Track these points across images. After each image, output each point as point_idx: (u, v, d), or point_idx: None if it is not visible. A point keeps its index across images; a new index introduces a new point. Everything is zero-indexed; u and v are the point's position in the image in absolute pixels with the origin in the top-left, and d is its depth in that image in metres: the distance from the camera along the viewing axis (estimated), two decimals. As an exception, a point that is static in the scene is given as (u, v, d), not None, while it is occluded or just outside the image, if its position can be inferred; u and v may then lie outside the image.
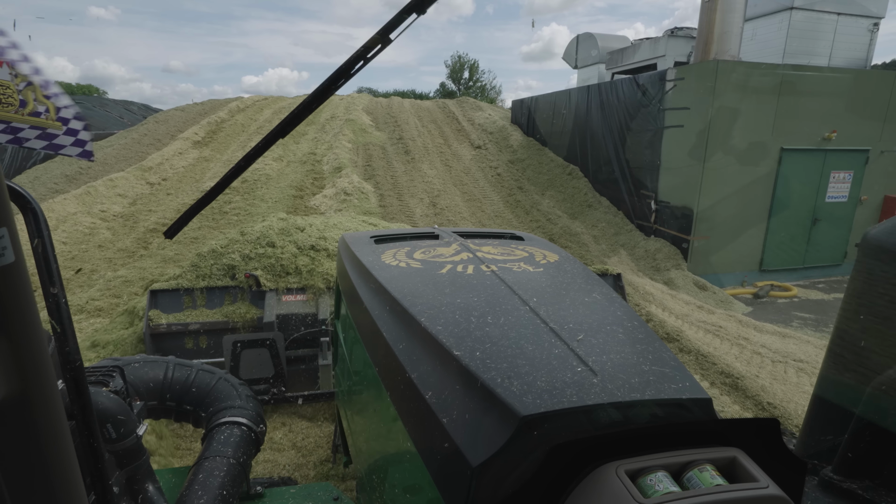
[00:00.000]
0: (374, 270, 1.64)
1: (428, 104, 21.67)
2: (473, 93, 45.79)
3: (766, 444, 0.90)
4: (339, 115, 18.42)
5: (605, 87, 11.78)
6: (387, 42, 1.14)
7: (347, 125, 16.92)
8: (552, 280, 1.55)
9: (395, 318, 1.36)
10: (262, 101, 21.86)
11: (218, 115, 17.95)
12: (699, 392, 0.98)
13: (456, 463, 0.91)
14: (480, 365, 1.03)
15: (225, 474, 1.56)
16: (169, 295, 4.15)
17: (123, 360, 1.85)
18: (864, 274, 1.24)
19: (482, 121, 17.72)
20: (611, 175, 11.62)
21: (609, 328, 1.20)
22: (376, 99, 23.06)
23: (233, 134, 16.72)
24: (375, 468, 1.51)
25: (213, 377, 1.95)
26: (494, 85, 49.69)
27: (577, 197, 12.39)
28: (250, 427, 1.80)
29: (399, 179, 13.37)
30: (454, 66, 47.08)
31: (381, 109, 20.00)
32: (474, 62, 46.94)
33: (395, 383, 1.23)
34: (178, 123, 17.58)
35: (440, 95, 44.85)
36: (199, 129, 16.38)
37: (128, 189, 11.59)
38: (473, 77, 46.94)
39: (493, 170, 14.49)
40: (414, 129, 17.62)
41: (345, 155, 14.05)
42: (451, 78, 46.95)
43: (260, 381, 3.21)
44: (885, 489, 1.15)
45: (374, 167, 14.01)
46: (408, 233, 2.26)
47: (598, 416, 0.92)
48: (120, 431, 1.28)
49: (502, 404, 0.91)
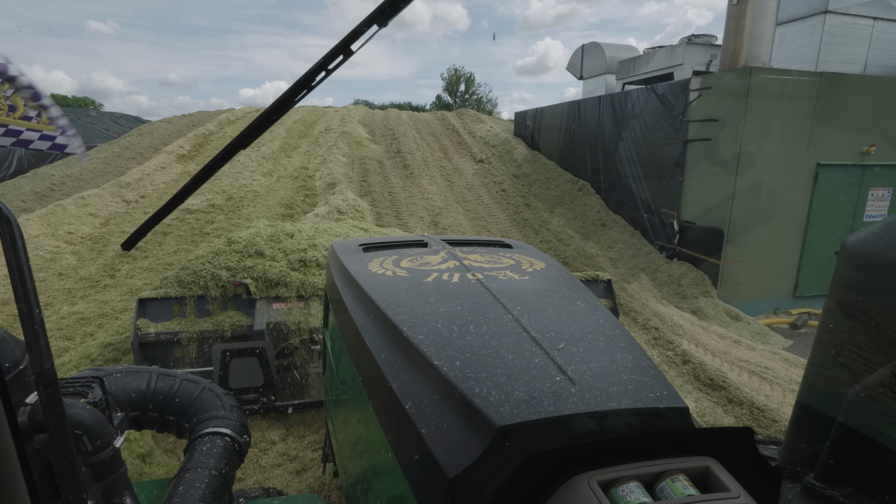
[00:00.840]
0: (359, 279, 1.63)
1: (426, 116, 20.90)
2: (470, 105, 45.99)
3: (740, 454, 0.89)
4: (334, 127, 17.58)
5: (618, 97, 10.99)
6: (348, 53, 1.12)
7: (342, 138, 16.06)
8: (537, 288, 1.54)
9: (378, 326, 1.35)
10: (254, 112, 21.01)
11: (206, 128, 17.06)
12: (676, 401, 0.98)
13: (433, 473, 0.90)
14: (460, 374, 1.03)
15: (206, 486, 1.52)
16: (157, 303, 4.07)
17: (105, 370, 1.81)
18: (843, 282, 1.26)
19: (483, 133, 16.91)
20: (626, 192, 10.78)
21: (591, 336, 1.19)
22: (373, 111, 22.29)
23: (220, 147, 15.79)
24: (360, 478, 1.50)
25: (196, 387, 1.91)
26: (490, 97, 49.80)
27: (590, 215, 11.52)
28: (234, 438, 1.76)
29: (397, 196, 12.47)
30: (450, 79, 47.25)
31: (377, 121, 19.19)
32: (470, 75, 47.03)
33: (377, 393, 1.22)
34: (163, 136, 16.66)
35: (436, 108, 45.70)
36: (184, 141, 15.46)
37: (101, 207, 10.61)
38: (469, 90, 47.21)
39: (497, 185, 13.62)
40: (412, 141, 16.78)
41: (339, 170, 13.15)
42: (448, 90, 47.24)
43: (249, 390, 3.15)
44: (867, 496, 1.13)
45: (370, 182, 13.12)
46: (396, 241, 2.22)
47: (574, 425, 0.91)
48: (96, 444, 1.26)
49: (479, 414, 0.91)
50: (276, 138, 16.66)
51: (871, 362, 1.16)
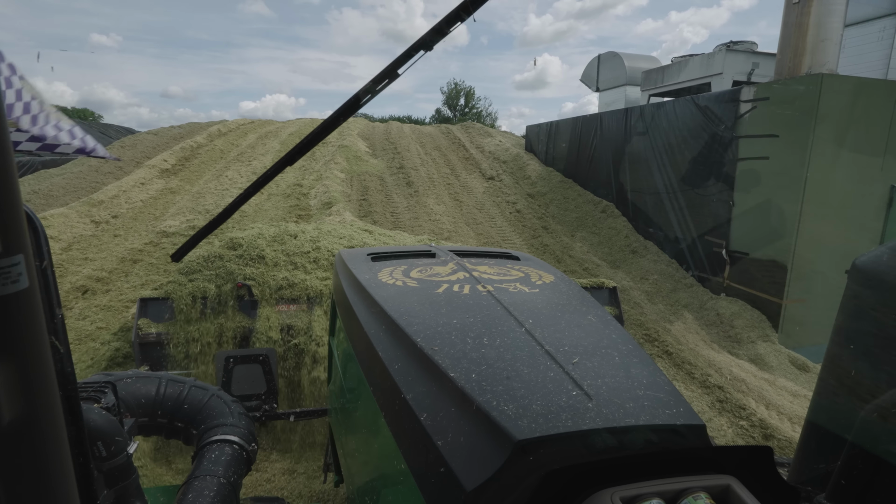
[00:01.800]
0: (370, 288, 1.62)
1: (430, 129, 19.80)
2: (470, 119, 45.80)
3: (759, 472, 0.90)
4: (332, 140, 16.40)
5: (649, 110, 9.86)
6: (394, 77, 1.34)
7: (340, 152, 14.89)
8: (548, 301, 1.53)
9: (391, 337, 1.34)
10: (248, 124, 19.89)
11: (194, 140, 15.88)
12: (693, 418, 0.98)
13: (450, 487, 0.89)
14: (476, 387, 1.02)
15: (214, 494, 1.51)
16: (159, 304, 4.08)
17: (116, 375, 1.80)
18: (854, 301, 1.25)
19: (493, 148, 15.76)
20: (659, 215, 9.58)
21: (604, 351, 1.19)
22: (373, 123, 21.21)
23: (209, 161, 14.60)
24: (368, 489, 1.47)
25: (205, 394, 1.91)
26: (490, 112, 49.42)
27: (617, 240, 10.31)
28: (242, 445, 1.76)
29: (401, 216, 11.24)
30: (450, 93, 47.08)
31: (378, 135, 18.06)
32: (470, 89, 47.49)
33: (389, 404, 1.20)
34: (147, 149, 15.46)
35: (436, 121, 45.70)
36: (169, 155, 14.25)
37: (65, 230, 9.33)
38: (469, 103, 47.75)
39: (510, 205, 12.42)
40: (416, 156, 15.62)
41: (336, 187, 11.94)
42: (448, 104, 48.02)
43: (252, 397, 3.08)
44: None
45: (370, 202, 11.89)
46: (404, 250, 2.22)
47: (593, 441, 0.91)
48: (110, 450, 1.25)
49: (497, 428, 0.91)
50: (269, 151, 15.49)
51: (883, 382, 1.15)
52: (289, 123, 21.02)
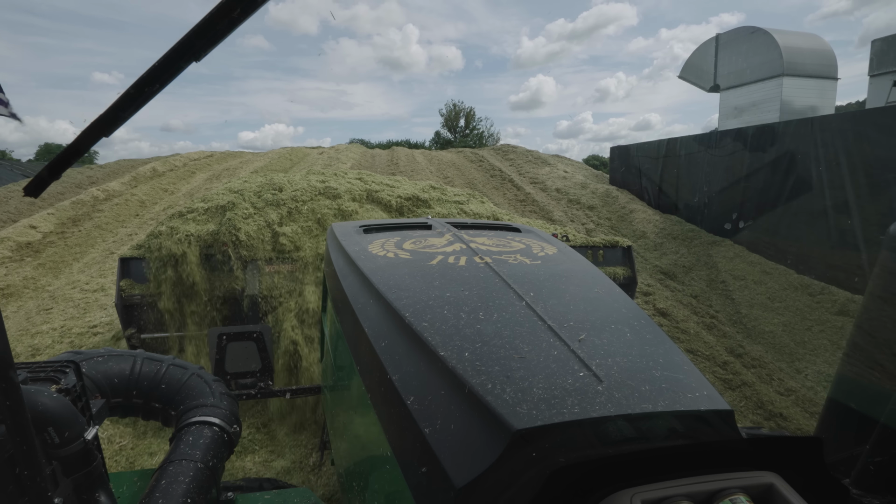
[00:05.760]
0: (358, 261, 1.55)
1: (449, 156, 14.66)
2: (472, 140, 43.79)
3: (805, 468, 0.78)
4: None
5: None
6: None
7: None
8: (551, 273, 1.42)
9: (378, 312, 1.24)
10: (206, 158, 14.65)
11: (105, 187, 10.54)
12: (719, 403, 0.85)
13: (438, 481, 0.79)
14: (469, 367, 0.92)
15: (191, 480, 1.36)
16: (140, 264, 3.99)
17: (85, 353, 1.66)
18: (889, 268, 1.17)
19: (558, 184, 10.48)
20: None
21: (614, 327, 1.08)
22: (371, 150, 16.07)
23: (112, 221, 9.25)
24: (356, 474, 1.40)
25: (185, 372, 1.77)
26: (492, 132, 46.50)
27: None
28: (223, 427, 1.61)
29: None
30: (449, 115, 45.42)
31: (380, 165, 12.81)
32: (470, 109, 46.38)
33: (375, 385, 1.10)
34: (24, 204, 10.07)
35: (436, 145, 43.55)
36: (50, 214, 8.85)
37: None
38: (470, 125, 45.99)
39: (647, 304, 7.07)
40: (441, 198, 10.36)
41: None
42: (447, 126, 46.14)
43: (246, 374, 2.93)
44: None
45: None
46: (399, 223, 2.16)
47: (605, 430, 0.79)
48: (64, 436, 1.12)
49: (492, 415, 0.80)
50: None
51: None
52: (259, 155, 15.83)
